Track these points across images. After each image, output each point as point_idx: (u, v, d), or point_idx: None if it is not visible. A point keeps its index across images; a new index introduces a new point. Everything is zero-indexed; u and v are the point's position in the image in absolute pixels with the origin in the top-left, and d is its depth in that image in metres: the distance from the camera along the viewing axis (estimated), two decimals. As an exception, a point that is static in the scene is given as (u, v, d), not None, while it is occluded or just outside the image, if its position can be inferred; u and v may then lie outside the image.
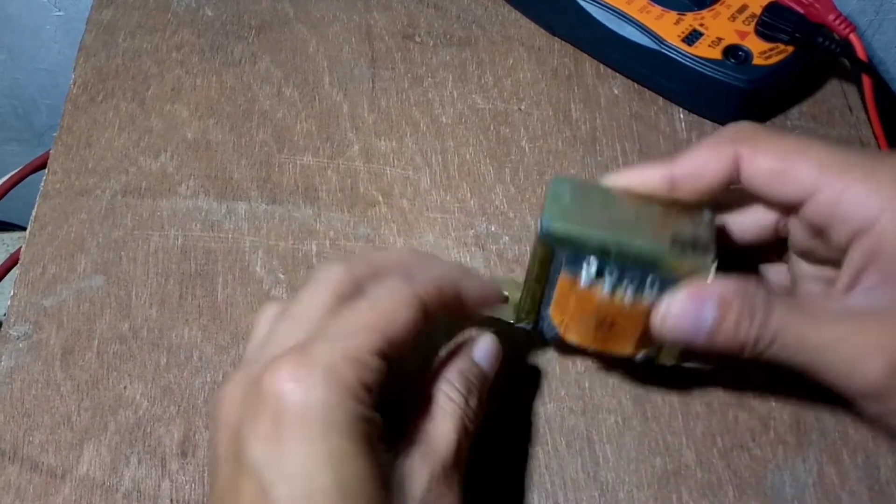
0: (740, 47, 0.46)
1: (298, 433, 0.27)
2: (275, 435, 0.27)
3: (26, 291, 0.42)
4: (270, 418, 0.27)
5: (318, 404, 0.27)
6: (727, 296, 0.31)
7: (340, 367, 0.28)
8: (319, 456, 0.27)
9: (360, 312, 0.30)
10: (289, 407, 0.27)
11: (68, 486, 0.36)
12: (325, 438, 0.27)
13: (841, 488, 0.37)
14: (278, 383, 0.27)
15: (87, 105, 0.48)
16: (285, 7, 0.53)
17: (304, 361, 0.28)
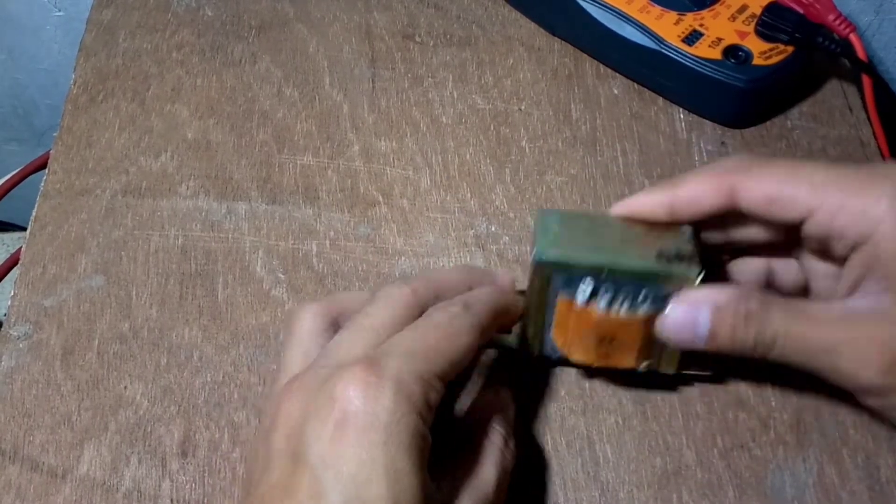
0: (740, 47, 0.46)
1: (362, 439, 0.27)
2: (339, 437, 0.28)
3: (26, 291, 0.42)
4: (336, 421, 0.28)
5: (384, 414, 0.28)
6: (720, 302, 0.33)
7: (410, 383, 0.29)
8: (378, 464, 0.27)
9: (427, 335, 0.31)
10: (356, 412, 0.28)
11: (69, 486, 0.36)
12: (385, 448, 0.27)
13: (841, 488, 0.37)
14: (349, 388, 0.28)
15: (87, 105, 0.48)
16: (285, 7, 0.53)
17: (376, 371, 0.29)
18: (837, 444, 0.38)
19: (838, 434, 0.38)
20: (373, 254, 0.43)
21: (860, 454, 0.38)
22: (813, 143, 0.48)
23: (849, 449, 0.38)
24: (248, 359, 0.40)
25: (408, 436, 0.28)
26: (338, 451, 0.28)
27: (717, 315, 0.33)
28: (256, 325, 0.41)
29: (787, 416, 0.39)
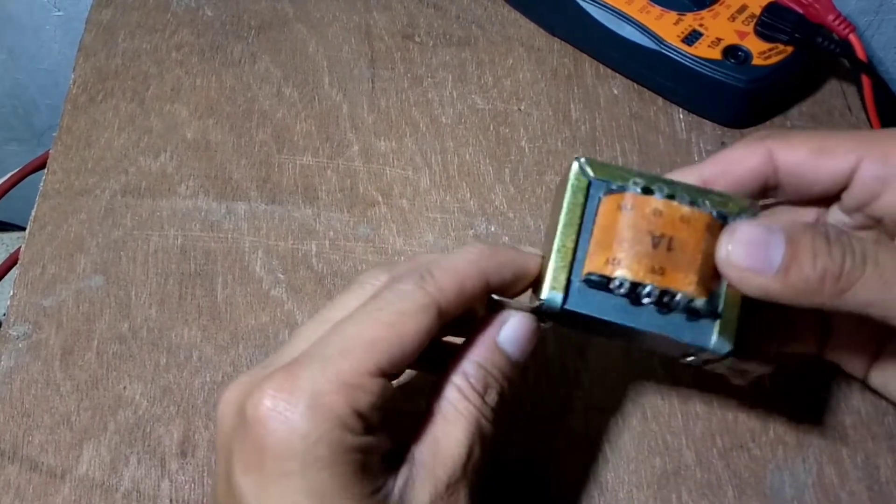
0: (740, 47, 0.46)
1: (279, 468, 0.26)
2: (258, 467, 0.26)
3: (26, 291, 0.42)
4: (254, 448, 0.26)
5: (299, 439, 0.25)
6: (796, 229, 0.28)
7: (328, 395, 0.26)
8: (300, 492, 0.26)
9: (361, 325, 0.27)
10: (269, 439, 0.26)
11: (68, 486, 0.36)
12: (304, 475, 0.25)
13: (840, 488, 0.37)
14: (261, 410, 0.26)
15: (86, 105, 0.48)
16: (285, 7, 0.53)
17: (289, 387, 0.26)
18: (837, 445, 0.38)
19: (838, 434, 0.38)
20: (372, 254, 0.43)
21: (860, 454, 0.38)
22: (812, 143, 0.48)
23: (848, 449, 0.38)
24: (248, 359, 0.40)
25: (329, 456, 0.25)
26: (260, 483, 0.26)
27: (793, 237, 0.27)
28: (256, 325, 0.41)
29: (787, 416, 0.39)
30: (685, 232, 0.29)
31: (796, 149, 0.32)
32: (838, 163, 0.32)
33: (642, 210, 0.29)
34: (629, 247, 0.29)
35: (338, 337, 0.27)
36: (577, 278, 0.29)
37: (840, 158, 0.31)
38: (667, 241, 0.28)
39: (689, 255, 0.28)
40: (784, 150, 0.32)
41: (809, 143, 0.32)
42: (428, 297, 0.28)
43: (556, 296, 0.29)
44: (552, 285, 0.29)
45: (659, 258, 0.28)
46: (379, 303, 0.28)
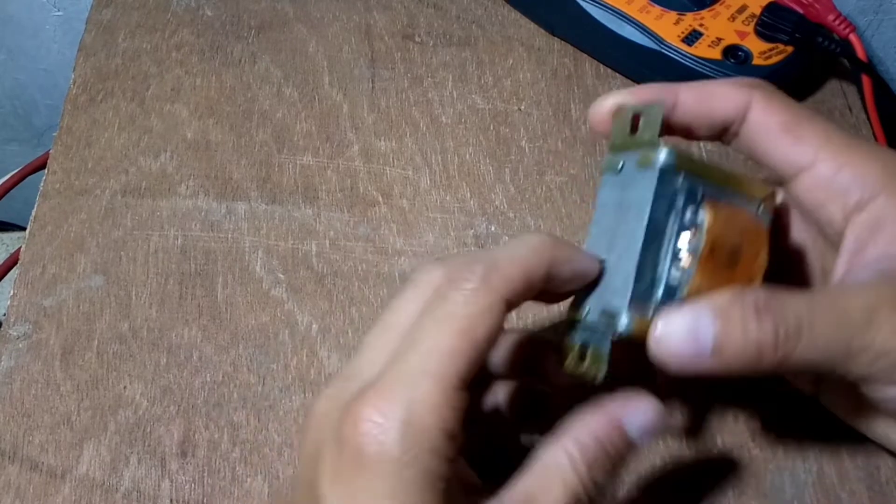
0: (740, 47, 0.46)
1: (369, 485, 0.25)
2: (346, 480, 0.26)
3: (26, 291, 0.42)
4: (345, 461, 0.26)
5: (391, 462, 0.25)
6: (721, 302, 0.27)
7: (420, 418, 0.25)
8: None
9: (436, 336, 0.26)
10: (364, 460, 0.25)
11: (68, 486, 0.36)
12: (393, 497, 0.25)
13: (841, 488, 0.37)
14: (358, 432, 0.25)
15: (86, 105, 0.48)
16: (285, 7, 0.53)
17: (384, 409, 0.25)
18: (837, 445, 0.38)
19: (838, 434, 0.38)
20: (372, 254, 0.43)
21: (860, 454, 0.38)
22: (812, 143, 0.48)
23: (848, 449, 0.38)
24: (248, 359, 0.40)
25: (418, 481, 0.25)
26: (347, 497, 0.26)
27: (721, 316, 0.27)
28: (256, 325, 0.41)
29: (787, 417, 0.39)
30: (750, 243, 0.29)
31: (772, 114, 0.31)
32: (795, 152, 0.31)
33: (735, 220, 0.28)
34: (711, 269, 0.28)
35: (416, 353, 0.26)
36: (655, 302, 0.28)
37: (799, 149, 0.30)
38: (735, 253, 0.28)
39: (751, 257, 0.29)
40: (760, 110, 0.31)
41: (784, 115, 0.31)
42: (496, 293, 0.26)
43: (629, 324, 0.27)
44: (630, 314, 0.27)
45: (729, 271, 0.28)
46: (447, 306, 0.26)
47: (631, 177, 0.29)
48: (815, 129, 0.31)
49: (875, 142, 0.34)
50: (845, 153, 0.30)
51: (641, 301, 0.28)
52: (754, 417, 0.39)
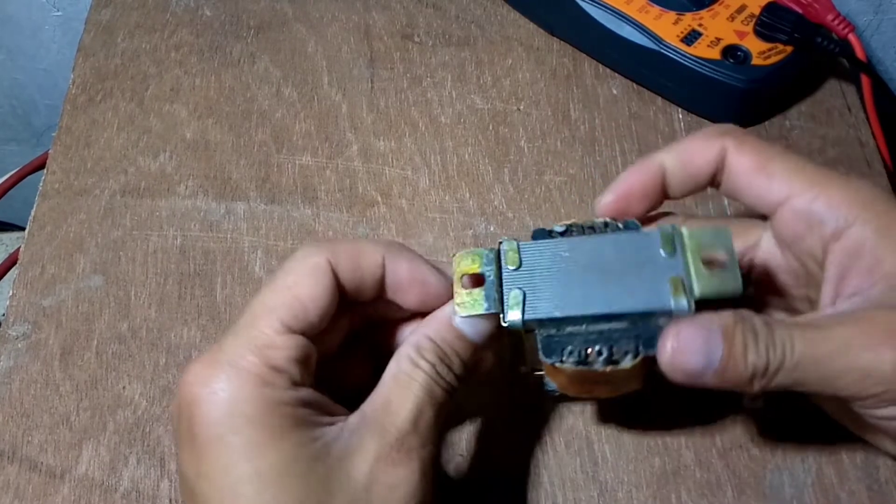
0: (739, 47, 0.46)
1: (210, 434, 0.28)
2: (191, 439, 0.28)
3: (25, 291, 0.42)
4: (187, 425, 0.28)
5: (224, 403, 0.28)
6: (728, 323, 0.29)
7: (245, 358, 0.28)
8: (233, 450, 0.27)
9: (264, 293, 0.30)
10: (198, 412, 0.28)
11: (67, 486, 0.36)
12: (235, 433, 0.27)
13: (840, 488, 0.37)
14: (188, 388, 0.28)
15: (85, 105, 0.48)
16: (284, 7, 0.53)
17: (209, 361, 0.29)
18: (836, 445, 0.38)
19: (837, 434, 0.38)
20: (371, 254, 0.43)
21: (859, 454, 0.38)
22: (812, 143, 0.48)
23: (848, 449, 0.38)
24: (247, 359, 0.40)
25: (257, 413, 0.28)
26: (195, 454, 0.28)
27: (727, 336, 0.29)
28: (255, 325, 0.41)
29: (786, 416, 0.39)
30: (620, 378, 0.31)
31: (743, 157, 0.33)
32: (769, 190, 0.32)
33: (577, 377, 0.31)
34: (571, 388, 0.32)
35: (248, 310, 0.30)
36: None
37: (773, 186, 0.32)
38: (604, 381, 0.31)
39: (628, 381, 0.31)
40: (733, 154, 0.33)
41: (755, 156, 0.33)
42: (321, 256, 0.30)
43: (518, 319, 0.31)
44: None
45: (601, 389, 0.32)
46: (281, 271, 0.31)
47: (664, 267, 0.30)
48: (786, 165, 0.32)
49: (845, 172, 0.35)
50: (818, 185, 0.31)
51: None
52: (754, 417, 0.39)
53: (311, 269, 0.30)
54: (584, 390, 0.32)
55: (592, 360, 0.30)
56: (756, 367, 0.29)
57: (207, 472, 0.28)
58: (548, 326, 0.31)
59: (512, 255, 0.31)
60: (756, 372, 0.29)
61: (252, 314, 0.30)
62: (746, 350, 0.29)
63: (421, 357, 0.31)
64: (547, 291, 0.30)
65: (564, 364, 0.30)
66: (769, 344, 0.29)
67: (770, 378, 0.29)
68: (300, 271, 0.30)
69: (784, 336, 0.29)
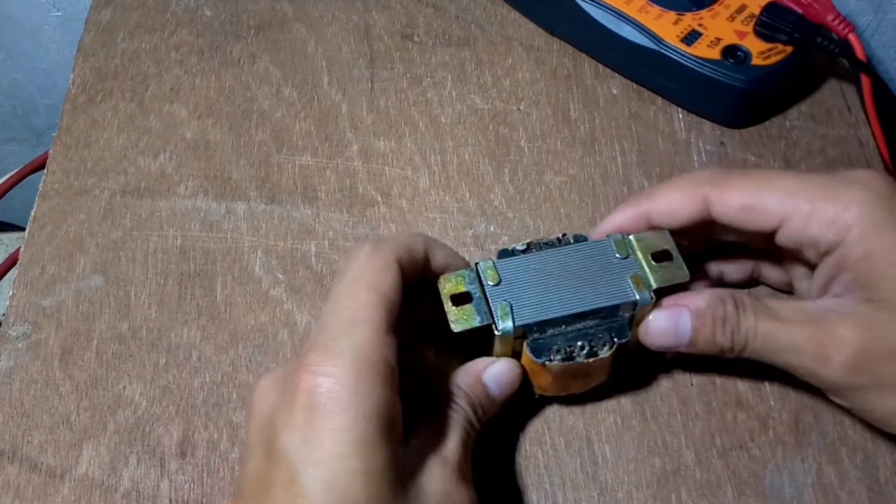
0: (739, 47, 0.46)
1: (330, 422, 0.28)
2: (308, 424, 0.28)
3: (25, 291, 0.42)
4: (304, 409, 0.29)
5: (348, 394, 0.28)
6: (700, 308, 0.35)
7: (368, 353, 0.29)
8: (349, 442, 0.28)
9: (353, 295, 0.31)
10: (321, 398, 0.28)
11: (67, 486, 0.36)
12: (355, 426, 0.28)
13: (840, 488, 0.37)
14: (311, 377, 0.29)
15: (85, 105, 0.48)
16: (284, 7, 0.53)
17: (329, 354, 0.29)
18: (836, 444, 0.38)
19: (837, 434, 0.38)
20: (371, 254, 0.43)
21: (859, 454, 0.38)
22: (812, 143, 0.48)
23: (847, 449, 0.38)
24: (247, 359, 0.40)
25: (375, 409, 0.29)
26: (308, 438, 0.28)
27: (697, 319, 0.35)
28: (255, 326, 0.41)
29: (786, 416, 0.39)
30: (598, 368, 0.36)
31: (727, 202, 0.35)
32: (765, 221, 0.35)
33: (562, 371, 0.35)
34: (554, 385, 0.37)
35: (343, 309, 0.31)
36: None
37: (766, 217, 0.35)
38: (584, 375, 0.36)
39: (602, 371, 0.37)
40: (717, 202, 0.35)
41: (741, 198, 0.35)
42: (387, 256, 0.32)
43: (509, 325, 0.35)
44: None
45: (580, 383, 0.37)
46: (351, 272, 0.32)
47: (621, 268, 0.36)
48: (775, 193, 0.35)
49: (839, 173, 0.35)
50: (809, 204, 0.34)
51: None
52: (753, 417, 0.39)
53: (387, 266, 0.32)
54: (563, 387, 0.37)
55: (577, 355, 0.35)
56: (723, 345, 0.35)
57: (320, 459, 0.28)
58: (534, 330, 0.35)
59: (491, 273, 0.35)
60: (724, 349, 0.35)
61: (351, 313, 0.31)
62: (714, 332, 0.35)
63: (459, 402, 0.34)
64: (528, 300, 0.35)
65: (553, 362, 0.34)
66: (735, 329, 0.34)
67: (737, 354, 0.35)
68: (379, 269, 0.32)
69: (749, 324, 0.34)
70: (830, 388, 0.35)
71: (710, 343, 0.35)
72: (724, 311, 0.34)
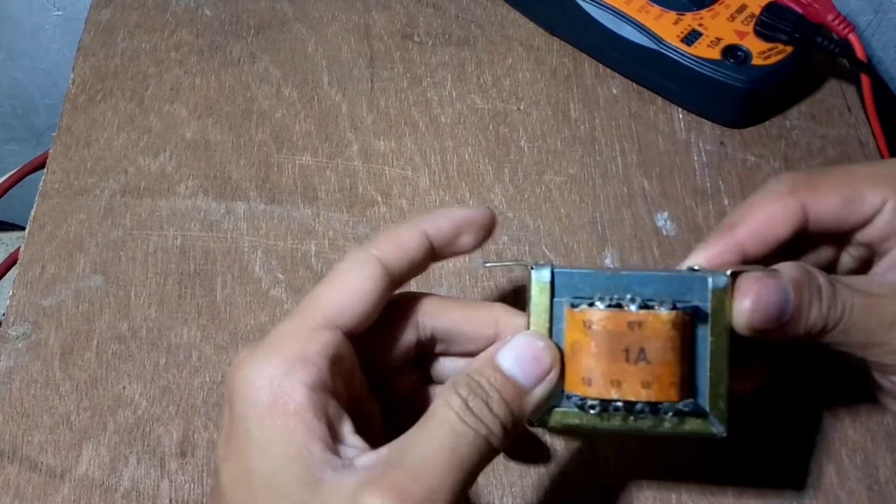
0: (739, 47, 0.46)
1: (241, 417, 0.27)
2: (228, 422, 0.28)
3: (25, 291, 0.42)
4: (227, 407, 0.28)
5: (250, 386, 0.28)
6: (798, 276, 0.30)
7: (281, 347, 0.28)
8: (257, 439, 0.27)
9: (312, 292, 0.30)
10: (235, 395, 0.28)
11: (67, 486, 0.36)
12: (251, 419, 0.27)
13: (840, 488, 0.37)
14: (232, 372, 0.28)
15: (85, 105, 0.48)
16: (284, 7, 0.53)
17: (254, 345, 0.29)
18: (836, 444, 0.38)
19: (837, 434, 0.38)
20: (371, 254, 0.43)
21: (859, 454, 0.38)
22: (812, 142, 0.48)
23: (848, 449, 0.38)
24: (247, 359, 0.40)
25: (269, 399, 0.27)
26: (227, 435, 0.28)
27: (797, 290, 0.30)
28: (255, 325, 0.41)
29: (786, 417, 0.39)
30: (656, 340, 0.28)
31: (827, 200, 0.32)
32: (867, 210, 0.32)
33: (608, 327, 0.28)
34: (600, 366, 0.28)
35: (297, 306, 0.30)
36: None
37: (868, 205, 0.32)
38: (637, 351, 0.28)
39: (665, 362, 0.28)
40: (815, 204, 0.32)
41: (839, 192, 0.32)
42: (365, 252, 0.30)
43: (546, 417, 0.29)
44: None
45: (635, 372, 0.28)
46: (330, 272, 0.31)
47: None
48: (867, 182, 0.32)
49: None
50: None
51: None
52: (754, 418, 0.39)
53: (357, 262, 0.30)
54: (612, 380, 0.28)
55: (625, 305, 0.28)
56: (815, 323, 0.30)
57: (231, 455, 0.28)
58: (576, 288, 0.29)
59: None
60: (814, 327, 0.30)
61: (298, 308, 0.30)
62: (811, 306, 0.30)
63: (455, 395, 0.27)
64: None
65: (595, 307, 0.28)
66: (831, 304, 0.30)
67: (822, 334, 0.30)
68: (346, 266, 0.30)
69: (846, 298, 0.30)
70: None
71: (803, 320, 0.30)
72: (818, 283, 0.30)
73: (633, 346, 0.28)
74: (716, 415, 0.29)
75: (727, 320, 0.29)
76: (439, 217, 0.31)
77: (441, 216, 0.31)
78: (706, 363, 0.29)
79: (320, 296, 0.30)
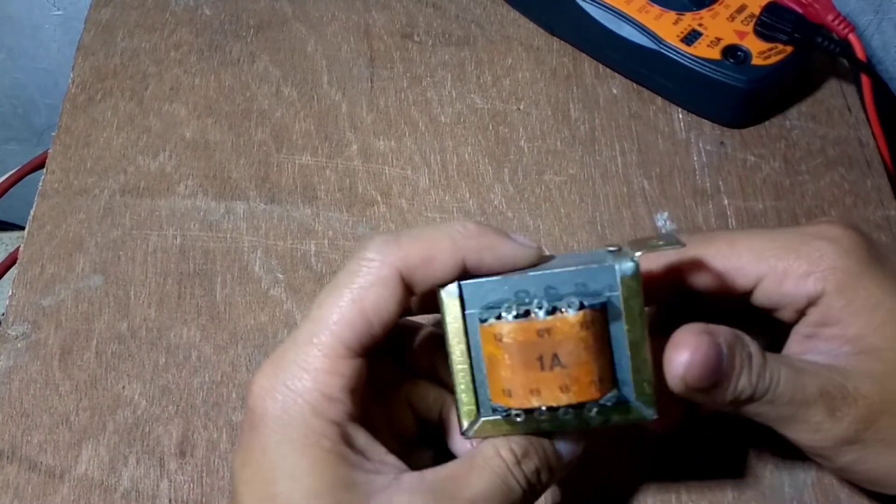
0: (739, 47, 0.46)
1: (262, 444, 0.27)
2: (247, 444, 0.28)
3: (25, 291, 0.42)
4: (247, 427, 0.28)
5: (274, 418, 0.27)
6: (730, 341, 0.29)
7: (301, 380, 0.27)
8: (276, 467, 0.27)
9: (327, 306, 0.28)
10: (255, 417, 0.28)
11: (67, 486, 0.36)
12: (279, 451, 0.27)
13: (839, 488, 0.37)
14: (252, 396, 0.28)
15: (85, 104, 0.48)
16: (284, 6, 0.53)
17: (272, 373, 0.28)
18: (836, 444, 0.38)
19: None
20: (371, 253, 0.43)
21: (858, 454, 0.38)
22: (812, 143, 0.48)
23: (847, 449, 0.38)
24: (247, 359, 0.40)
25: (301, 437, 0.27)
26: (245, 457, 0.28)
27: (730, 352, 0.29)
28: (255, 325, 0.41)
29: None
30: (567, 344, 0.27)
31: (701, 272, 0.32)
32: (739, 285, 0.32)
33: (518, 338, 0.27)
34: (517, 377, 0.28)
35: (309, 321, 0.28)
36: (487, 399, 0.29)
37: (741, 281, 0.32)
38: (551, 358, 0.27)
39: (579, 363, 0.27)
40: (691, 273, 0.32)
41: (712, 264, 0.32)
42: (388, 267, 0.28)
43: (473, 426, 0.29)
44: (468, 419, 0.29)
45: (552, 378, 0.27)
46: (341, 277, 0.28)
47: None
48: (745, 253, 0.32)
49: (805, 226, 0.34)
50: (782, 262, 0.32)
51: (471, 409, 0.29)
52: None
53: (379, 279, 0.28)
54: (531, 387, 0.28)
55: (533, 311, 0.27)
56: (744, 390, 0.29)
57: (249, 480, 0.28)
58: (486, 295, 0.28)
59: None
60: (742, 394, 0.29)
61: (314, 326, 0.28)
62: (740, 374, 0.29)
63: (509, 450, 0.28)
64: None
65: (503, 319, 0.27)
66: (760, 372, 0.29)
67: (748, 402, 0.30)
68: (366, 279, 0.28)
69: (774, 368, 0.30)
70: (832, 444, 0.31)
71: (730, 388, 0.29)
72: (749, 350, 0.30)
73: (546, 353, 0.27)
74: (643, 400, 0.29)
75: (640, 305, 0.28)
76: (484, 250, 0.28)
77: (487, 250, 0.28)
78: (626, 351, 0.28)
79: (342, 317, 0.28)
